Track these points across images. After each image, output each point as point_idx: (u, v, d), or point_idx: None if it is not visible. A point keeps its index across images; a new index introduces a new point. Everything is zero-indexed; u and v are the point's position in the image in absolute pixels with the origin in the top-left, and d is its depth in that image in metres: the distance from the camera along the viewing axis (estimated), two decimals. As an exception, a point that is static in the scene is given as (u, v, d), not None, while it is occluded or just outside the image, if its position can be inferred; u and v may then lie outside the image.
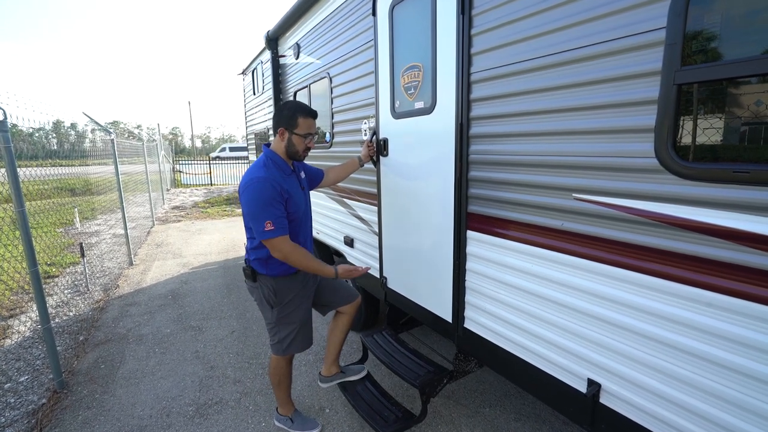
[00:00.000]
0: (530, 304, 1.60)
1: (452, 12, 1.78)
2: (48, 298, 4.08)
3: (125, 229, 5.46)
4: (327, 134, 3.28)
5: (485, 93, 1.69)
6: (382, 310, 3.27)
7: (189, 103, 36.19)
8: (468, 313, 1.94)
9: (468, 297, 1.92)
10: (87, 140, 6.18)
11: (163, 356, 3.04)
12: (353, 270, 1.90)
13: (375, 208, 2.61)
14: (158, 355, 3.05)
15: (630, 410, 1.30)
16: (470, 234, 1.86)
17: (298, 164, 2.07)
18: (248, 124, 6.24)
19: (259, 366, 2.87)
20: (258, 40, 4.46)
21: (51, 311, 3.78)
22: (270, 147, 1.87)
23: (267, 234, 1.66)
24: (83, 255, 4.28)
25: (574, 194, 1.38)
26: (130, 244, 5.56)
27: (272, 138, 1.90)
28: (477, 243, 1.83)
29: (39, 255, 5.10)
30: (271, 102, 4.39)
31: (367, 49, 2.53)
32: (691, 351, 1.12)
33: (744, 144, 1.04)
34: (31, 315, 3.74)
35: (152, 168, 9.56)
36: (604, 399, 1.36)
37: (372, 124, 2.56)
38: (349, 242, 3.04)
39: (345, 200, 3.06)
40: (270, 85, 4.40)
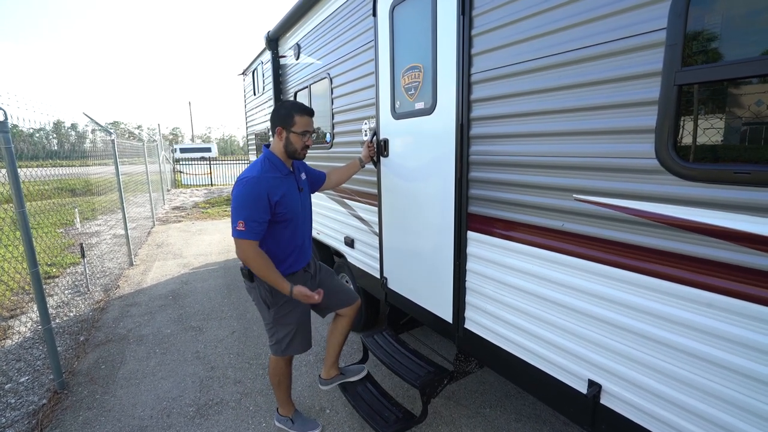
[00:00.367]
0: (530, 305, 1.60)
1: (452, 13, 1.79)
2: (48, 299, 4.09)
3: (126, 230, 5.46)
4: (327, 135, 3.28)
5: (486, 94, 1.69)
6: (383, 311, 3.27)
7: (189, 104, 36.29)
8: (468, 314, 1.94)
9: (468, 297, 1.92)
10: (88, 140, 6.18)
11: (164, 357, 3.04)
12: (308, 296, 1.82)
13: (375, 209, 2.61)
14: (159, 356, 3.05)
15: (630, 411, 1.30)
16: (471, 235, 1.86)
17: (299, 165, 2.07)
18: (249, 125, 6.24)
19: (260, 366, 2.87)
20: (258, 41, 4.46)
21: (51, 312, 3.78)
22: (269, 148, 1.88)
23: (236, 233, 1.69)
24: (83, 255, 4.28)
25: (575, 195, 1.38)
26: (131, 245, 5.56)
27: (272, 139, 1.92)
28: (477, 244, 1.83)
29: (39, 255, 5.11)
30: (272, 102, 4.39)
31: (368, 50, 2.53)
32: (692, 352, 1.12)
33: (745, 144, 1.04)
34: (32, 315, 3.74)
35: (153, 168, 9.57)
36: (605, 400, 1.36)
37: (372, 125, 2.56)
38: (350, 243, 3.04)
39: (345, 201, 3.06)
40: (270, 86, 4.40)
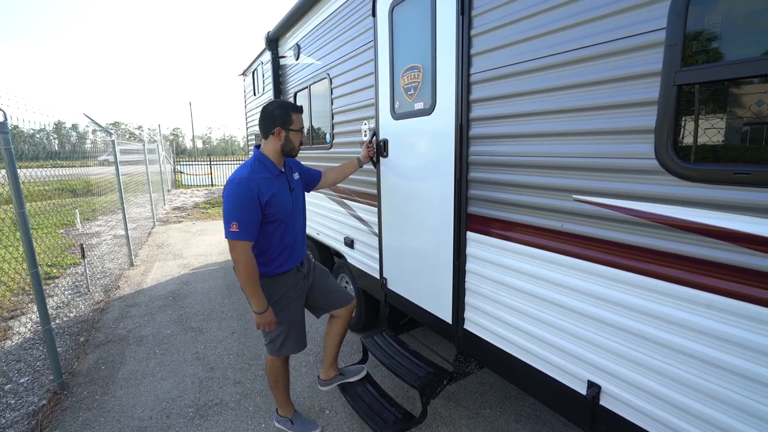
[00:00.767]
0: (530, 306, 1.59)
1: (452, 13, 1.78)
2: (49, 299, 4.09)
3: (126, 230, 5.46)
4: (327, 135, 3.28)
5: (485, 94, 1.68)
6: (383, 311, 3.27)
7: (190, 104, 36.28)
8: (468, 315, 1.93)
9: (468, 298, 1.92)
10: (88, 141, 6.19)
11: (164, 357, 3.04)
12: (270, 323, 1.83)
13: (375, 209, 2.60)
14: (158, 356, 3.05)
15: (630, 412, 1.29)
16: (470, 235, 1.86)
17: (292, 164, 2.06)
18: (249, 125, 6.24)
19: (260, 367, 2.87)
20: (259, 41, 4.46)
21: (52, 312, 3.78)
22: (260, 149, 1.88)
23: (231, 234, 1.70)
24: (84, 256, 4.29)
25: (574, 195, 1.38)
26: (131, 245, 5.56)
27: (263, 141, 1.91)
28: (477, 244, 1.83)
29: (40, 256, 5.12)
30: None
31: (367, 50, 2.53)
32: (691, 353, 1.12)
33: (744, 145, 1.04)
34: (32, 316, 3.74)
35: (153, 169, 9.58)
36: (604, 401, 1.36)
37: (372, 125, 2.55)
38: (350, 243, 3.03)
39: (345, 201, 3.06)
40: (270, 86, 4.40)
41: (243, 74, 6.01)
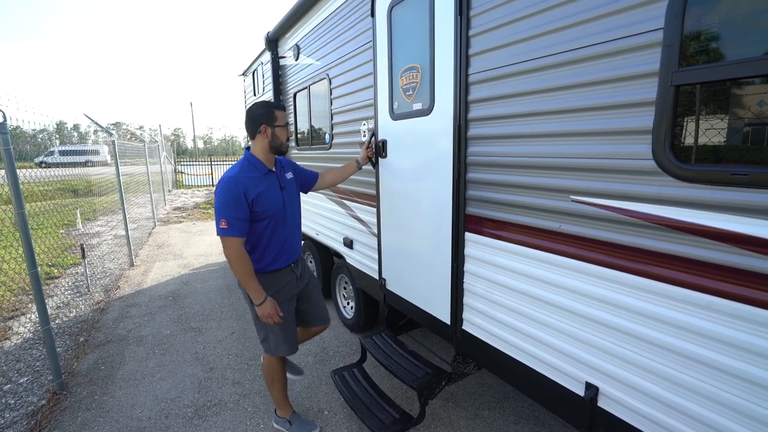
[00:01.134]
0: (528, 307, 1.59)
1: (450, 13, 1.78)
2: (49, 300, 4.10)
3: (126, 230, 5.47)
4: (326, 135, 3.28)
5: (483, 94, 1.68)
6: (381, 312, 3.27)
7: (191, 104, 36.31)
8: (466, 315, 1.93)
9: (466, 299, 1.91)
10: (90, 141, 6.20)
11: (163, 357, 3.04)
12: (272, 314, 1.85)
13: (374, 210, 2.60)
14: (158, 357, 3.05)
15: (628, 414, 1.29)
16: (468, 236, 1.85)
17: (286, 164, 2.09)
18: (249, 125, 6.23)
19: (259, 367, 2.87)
20: (259, 42, 4.47)
21: (52, 312, 3.79)
22: (249, 151, 1.93)
23: (220, 231, 1.75)
24: (84, 256, 4.29)
25: (572, 196, 1.38)
26: (131, 245, 5.57)
27: (250, 143, 1.95)
28: (475, 245, 1.82)
29: (41, 256, 5.14)
30: (272, 103, 4.39)
31: (366, 51, 2.53)
32: (689, 355, 1.11)
33: (742, 146, 1.03)
34: (32, 316, 3.75)
35: (154, 169, 9.59)
36: (602, 402, 1.35)
37: (371, 126, 2.55)
38: (349, 243, 3.03)
39: (344, 202, 3.06)
40: (270, 87, 4.40)
41: (243, 75, 6.02)
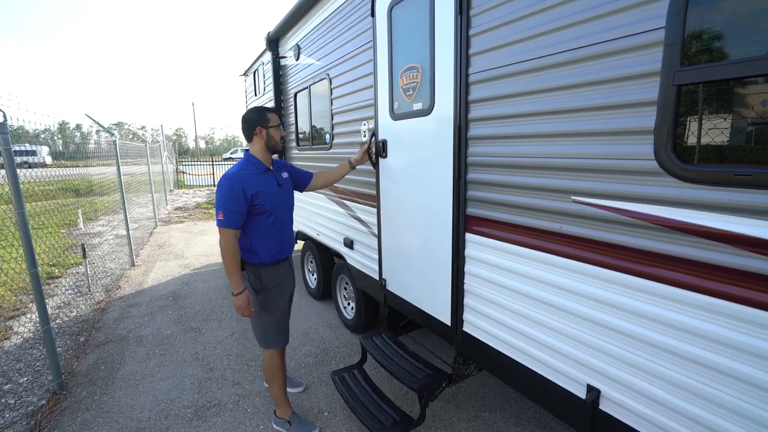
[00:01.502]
0: (529, 308, 1.58)
1: (450, 12, 1.77)
2: (50, 299, 4.11)
3: (127, 230, 5.48)
4: (327, 135, 3.27)
5: (484, 94, 1.67)
6: (382, 312, 3.26)
7: (193, 104, 36.41)
8: (467, 316, 1.92)
9: (467, 300, 1.90)
10: (92, 141, 6.22)
11: (163, 358, 3.04)
12: (243, 307, 1.96)
13: (374, 210, 2.59)
14: (158, 357, 3.05)
15: (630, 417, 1.27)
16: (468, 236, 1.84)
17: (282, 165, 2.22)
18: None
19: (258, 368, 2.86)
20: (260, 42, 4.47)
21: (52, 312, 3.79)
22: (249, 151, 2.10)
23: (218, 222, 1.92)
24: (85, 256, 4.30)
25: (573, 197, 1.36)
26: (133, 245, 5.58)
27: (249, 145, 2.10)
28: (475, 246, 1.81)
29: (42, 256, 5.15)
30: (273, 104, 4.39)
31: (366, 51, 2.52)
32: (693, 357, 1.10)
33: (746, 145, 1.02)
34: (32, 316, 3.75)
35: (155, 169, 9.60)
36: (604, 405, 1.34)
37: (371, 126, 2.54)
38: (349, 244, 3.02)
39: (344, 202, 3.05)
40: (271, 87, 4.40)
41: (244, 75, 6.02)
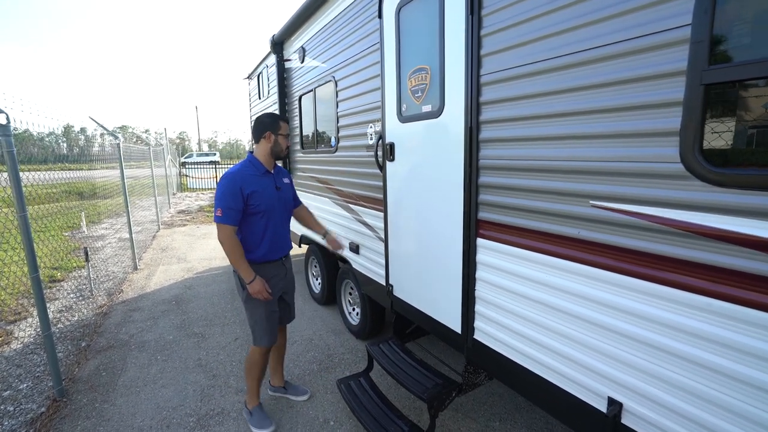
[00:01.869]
0: (545, 316, 1.52)
1: (461, 13, 1.73)
2: (52, 303, 4.07)
3: (130, 234, 5.45)
4: (332, 139, 3.23)
5: (496, 96, 1.62)
6: (387, 318, 3.20)
7: (196, 108, 36.59)
8: (478, 324, 1.86)
9: (478, 307, 1.85)
10: (96, 144, 6.22)
11: (165, 364, 2.99)
12: (261, 292, 2.04)
13: (381, 214, 2.55)
14: (160, 363, 3.00)
15: (654, 432, 1.21)
16: (480, 242, 1.79)
17: (285, 174, 2.31)
18: (254, 129, 6.21)
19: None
20: (264, 45, 4.45)
21: (54, 316, 3.75)
22: (252, 153, 2.17)
23: (216, 218, 1.99)
24: (87, 259, 4.27)
25: (592, 201, 1.31)
26: (135, 249, 5.55)
27: (254, 146, 2.18)
28: (487, 251, 1.76)
29: (45, 259, 5.11)
30: (277, 106, 4.36)
31: (373, 52, 2.49)
32: (726, 372, 1.04)
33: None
34: (34, 321, 3.71)
35: (159, 172, 9.60)
36: (626, 419, 1.28)
37: (378, 129, 2.50)
38: (355, 248, 2.98)
39: (350, 206, 3.01)
40: (275, 90, 4.37)
41: (248, 78, 6.01)
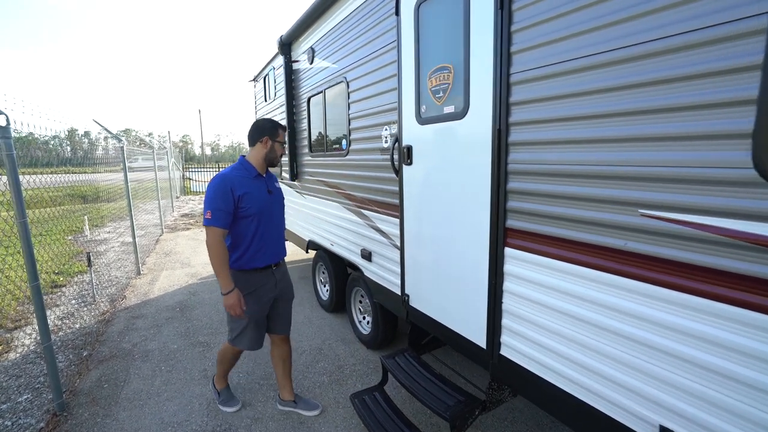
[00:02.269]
0: (583, 334, 1.40)
1: (489, 8, 1.62)
2: (54, 310, 3.97)
3: (133, 238, 5.35)
4: (343, 141, 3.13)
5: (528, 95, 1.51)
6: (400, 327, 3.09)
7: (199, 111, 36.64)
8: (505, 339, 1.74)
9: (505, 321, 1.73)
10: (100, 148, 6.15)
11: (170, 375, 2.87)
12: (234, 306, 1.97)
13: (396, 220, 2.43)
14: (164, 374, 2.89)
15: (715, 467, 1.09)
16: (508, 251, 1.68)
17: (275, 179, 2.28)
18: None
19: (271, 388, 2.69)
20: (269, 48, 4.36)
21: (57, 323, 3.65)
22: (245, 157, 2.13)
23: (205, 221, 1.95)
24: (90, 264, 4.17)
25: (641, 210, 1.20)
26: (138, 253, 5.45)
27: (249, 149, 2.14)
28: (516, 261, 1.64)
29: (47, 264, 5.03)
30: (284, 109, 4.27)
31: (389, 51, 2.38)
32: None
33: None
34: (35, 328, 3.61)
35: (162, 175, 9.53)
36: (682, 452, 1.16)
37: (394, 131, 2.40)
38: (367, 256, 2.86)
39: (363, 211, 2.90)
40: (282, 92, 4.28)
41: (254, 80, 5.93)
